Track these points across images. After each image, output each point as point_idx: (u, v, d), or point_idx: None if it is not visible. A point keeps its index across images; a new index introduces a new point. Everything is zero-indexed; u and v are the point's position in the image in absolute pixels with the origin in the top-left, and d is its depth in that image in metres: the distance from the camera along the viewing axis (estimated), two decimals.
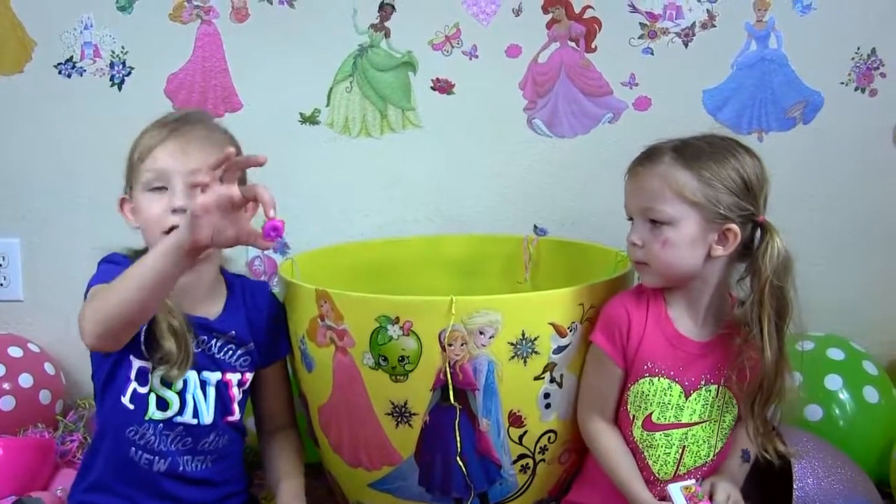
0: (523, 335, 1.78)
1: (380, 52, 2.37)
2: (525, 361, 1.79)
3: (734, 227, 1.69)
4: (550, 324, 1.79)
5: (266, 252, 2.38)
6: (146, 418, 1.74)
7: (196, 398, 1.77)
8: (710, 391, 1.77)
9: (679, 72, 2.36)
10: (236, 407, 1.82)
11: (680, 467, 1.79)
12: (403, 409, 1.82)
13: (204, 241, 1.49)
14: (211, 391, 1.79)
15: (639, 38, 2.35)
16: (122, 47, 2.34)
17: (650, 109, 2.38)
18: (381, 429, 1.84)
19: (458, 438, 1.80)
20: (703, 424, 1.78)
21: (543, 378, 1.82)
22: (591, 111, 2.39)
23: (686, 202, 1.68)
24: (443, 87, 2.39)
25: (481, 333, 1.76)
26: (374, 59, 2.37)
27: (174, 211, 1.69)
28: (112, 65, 2.35)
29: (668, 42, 2.35)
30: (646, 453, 1.78)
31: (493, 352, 1.77)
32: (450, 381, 1.77)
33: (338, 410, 1.89)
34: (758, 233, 1.72)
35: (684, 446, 1.77)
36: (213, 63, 2.36)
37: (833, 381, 2.12)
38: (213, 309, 1.82)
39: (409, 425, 1.82)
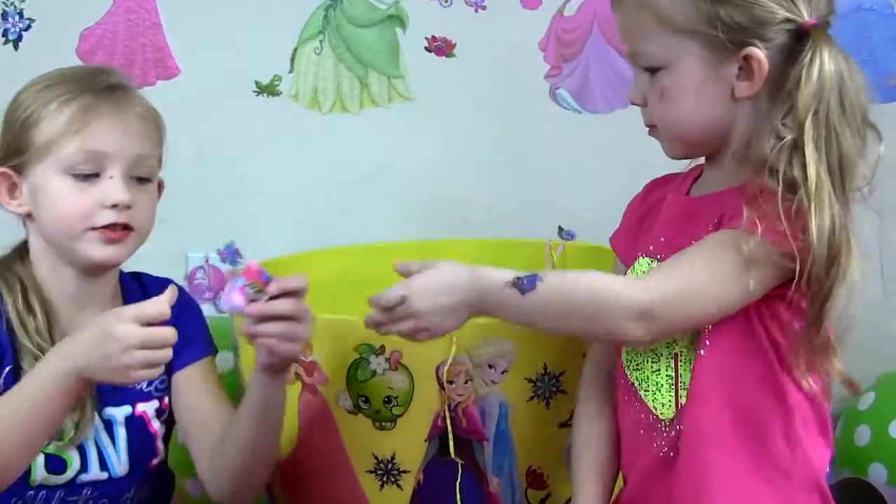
0: (545, 370, 1.79)
1: (359, 3, 2.39)
2: (548, 403, 1.80)
3: (755, 50, 1.50)
4: (581, 354, 1.78)
5: (211, 261, 2.40)
6: (32, 484, 1.73)
7: (101, 445, 1.77)
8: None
9: None
10: (160, 445, 1.81)
11: (679, 389, 1.61)
12: (390, 466, 1.82)
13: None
14: (120, 433, 1.78)
15: None
16: None
17: None
18: (361, 491, 1.85)
19: (460, 503, 1.80)
20: None
21: (571, 425, 1.79)
22: (632, 79, 2.38)
23: (677, 31, 1.53)
24: (440, 47, 2.41)
25: (491, 367, 1.77)
26: (352, 12, 2.40)
27: (113, 206, 1.70)
28: (5, 15, 2.36)
29: None
30: (637, 386, 1.64)
31: (507, 391, 1.78)
32: (450, 428, 1.77)
33: (305, 467, 1.90)
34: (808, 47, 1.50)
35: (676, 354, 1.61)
36: (140, 15, 2.37)
37: None
38: None
39: (398, 486, 1.83)
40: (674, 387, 1.59)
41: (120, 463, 1.78)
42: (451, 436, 1.77)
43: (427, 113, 2.43)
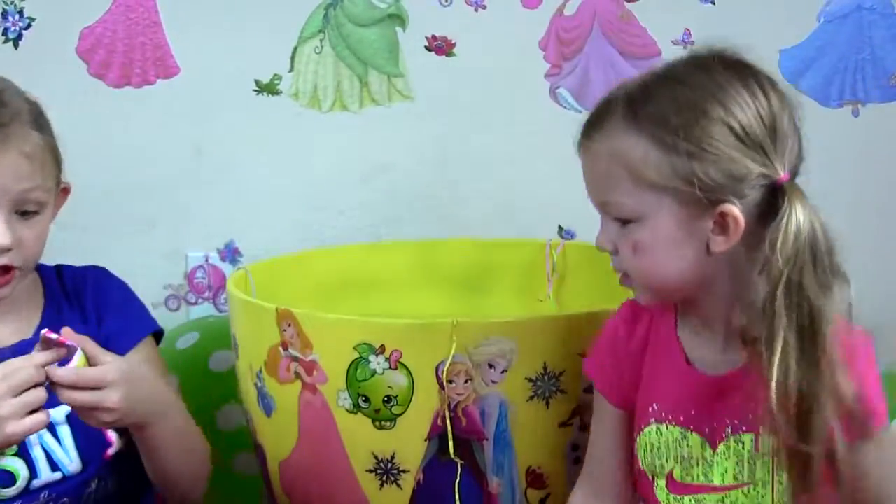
0: (545, 369, 1.79)
1: (359, 2, 2.38)
2: (548, 403, 1.80)
3: (731, 207, 1.47)
4: (580, 354, 1.78)
5: (211, 260, 2.40)
6: None
7: (47, 447, 1.75)
8: (742, 442, 1.62)
9: (748, 26, 2.35)
10: (112, 434, 1.71)
11: None
12: (390, 465, 1.82)
13: None
14: (65, 431, 1.76)
15: None
16: None
17: None
18: (360, 490, 1.85)
19: (459, 503, 1.81)
20: (745, 489, 1.62)
21: (572, 425, 1.82)
22: None
23: (651, 186, 1.49)
24: (440, 46, 2.41)
25: (491, 367, 1.77)
26: (352, 11, 2.39)
27: None
28: (5, 14, 2.35)
29: None
30: None
31: (507, 391, 1.78)
32: (450, 428, 1.78)
33: (305, 467, 1.90)
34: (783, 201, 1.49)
35: None
36: (140, 14, 2.36)
37: None
38: (28, 324, 1.80)
39: (398, 486, 1.83)
40: None
41: (71, 461, 1.76)
42: (450, 435, 1.78)
43: (427, 112, 2.43)
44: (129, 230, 2.35)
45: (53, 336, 1.56)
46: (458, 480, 1.80)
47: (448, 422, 1.77)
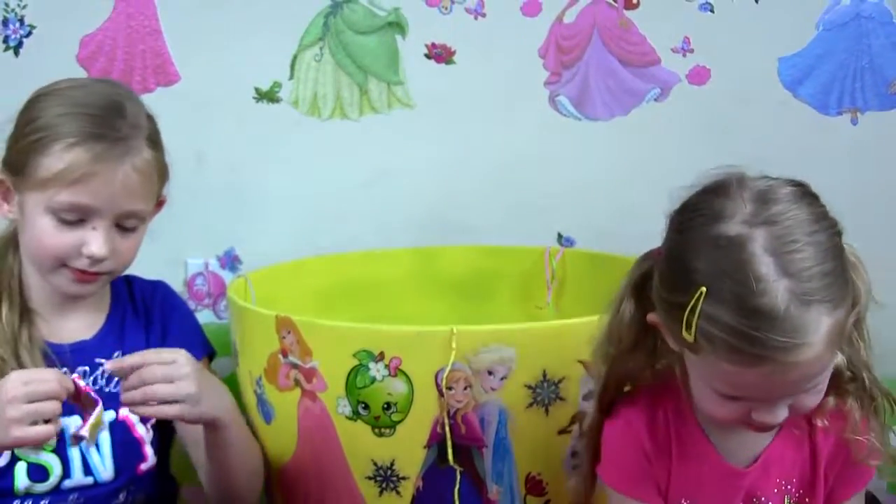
0: (544, 376, 1.79)
1: (358, 10, 2.38)
2: (547, 410, 1.80)
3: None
4: (580, 362, 1.79)
5: (211, 268, 2.39)
6: (17, 493, 1.75)
7: (84, 451, 1.78)
8: None
9: (747, 34, 2.37)
10: (148, 450, 1.82)
11: None
12: (389, 472, 1.83)
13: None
14: (105, 438, 1.79)
15: None
16: None
17: (709, 83, 2.39)
18: (360, 497, 1.85)
19: None
20: None
21: (570, 432, 1.83)
22: (631, 86, 2.40)
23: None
24: (440, 54, 2.40)
25: (490, 374, 1.77)
26: (352, 19, 2.38)
27: (90, 258, 1.73)
28: (6, 22, 2.35)
29: None
30: None
31: (506, 398, 1.78)
32: (449, 435, 1.78)
33: (304, 473, 1.90)
34: None
35: None
36: (140, 22, 2.36)
37: None
38: (91, 326, 1.84)
39: (397, 493, 1.83)
40: None
41: (105, 468, 1.79)
42: (450, 443, 1.78)
43: (427, 119, 2.42)
44: None
45: (81, 384, 1.63)
46: (457, 487, 1.80)
47: (447, 429, 1.77)
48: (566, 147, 2.42)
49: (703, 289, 1.43)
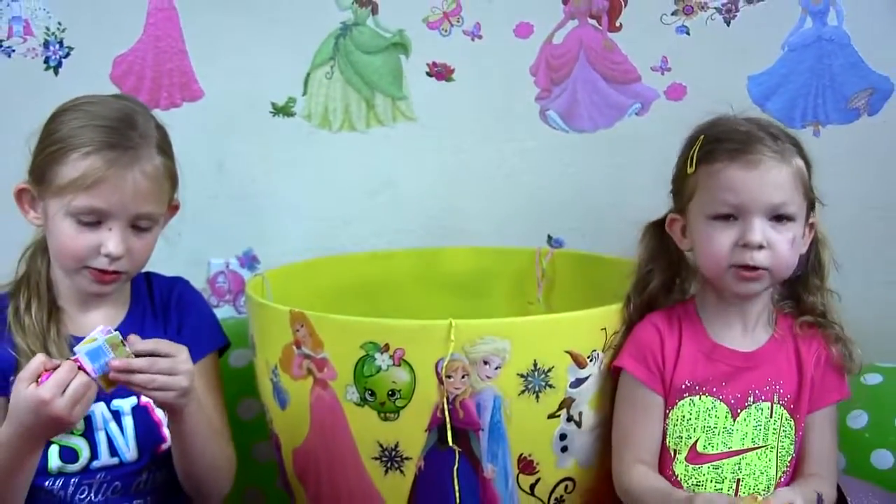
0: (535, 366, 1.81)
1: (366, 32, 2.39)
2: (537, 397, 1.82)
3: (815, 219, 1.83)
4: (567, 352, 1.82)
5: (231, 267, 2.41)
6: (50, 472, 1.78)
7: (111, 434, 1.81)
8: (760, 410, 1.80)
9: (720, 54, 2.37)
10: (166, 432, 1.83)
11: None
12: (394, 453, 1.84)
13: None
14: (128, 422, 1.83)
15: (672, 14, 2.37)
16: (59, 23, 2.35)
17: (685, 99, 2.39)
18: (367, 476, 1.87)
19: (457, 488, 1.83)
20: (758, 451, 1.80)
21: (559, 416, 1.84)
22: (615, 101, 2.41)
23: (804, 194, 1.79)
24: (440, 72, 2.42)
25: (486, 364, 1.79)
26: (360, 40, 2.40)
27: (107, 256, 1.76)
28: (47, 44, 2.36)
29: (706, 19, 2.36)
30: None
31: (500, 385, 1.80)
32: (448, 419, 1.79)
33: (316, 455, 1.92)
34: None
35: (738, 479, 1.79)
36: (168, 43, 2.37)
37: None
38: (111, 321, 1.85)
39: (401, 472, 1.85)
40: None
41: (129, 449, 1.82)
42: (449, 426, 1.80)
43: (428, 131, 2.43)
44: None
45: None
46: (456, 467, 1.82)
47: (447, 414, 1.79)
48: (555, 156, 2.42)
49: (702, 136, 1.81)
